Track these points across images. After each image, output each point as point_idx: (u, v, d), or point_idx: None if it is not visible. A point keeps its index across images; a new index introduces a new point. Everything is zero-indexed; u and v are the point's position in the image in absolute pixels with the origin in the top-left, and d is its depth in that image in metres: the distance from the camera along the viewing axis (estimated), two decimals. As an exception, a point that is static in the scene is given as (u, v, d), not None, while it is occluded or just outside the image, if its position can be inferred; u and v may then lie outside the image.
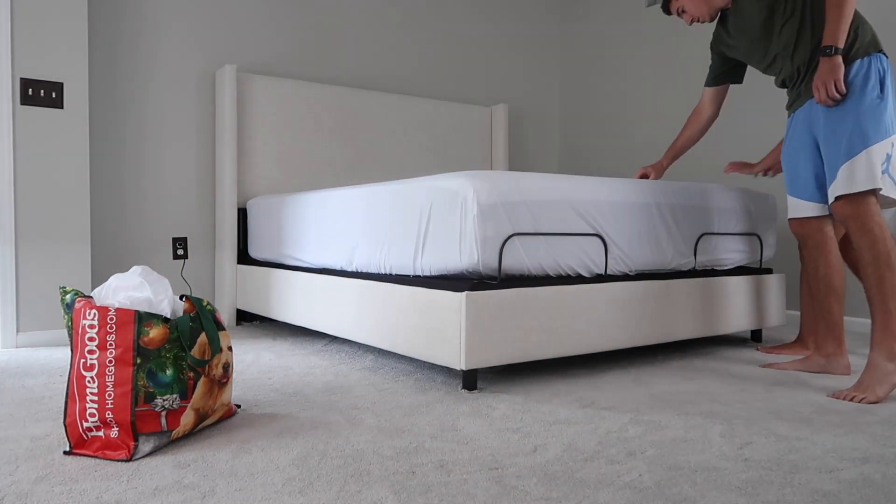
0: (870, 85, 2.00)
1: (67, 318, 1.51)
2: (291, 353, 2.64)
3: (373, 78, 4.12)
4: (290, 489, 1.25)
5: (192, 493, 1.24)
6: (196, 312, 1.59)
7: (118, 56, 3.29)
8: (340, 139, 3.81)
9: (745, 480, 1.31)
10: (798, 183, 2.28)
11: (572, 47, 4.87)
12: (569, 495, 1.23)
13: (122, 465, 1.37)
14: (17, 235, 2.79)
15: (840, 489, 1.27)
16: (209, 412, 1.60)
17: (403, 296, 2.19)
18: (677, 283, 2.51)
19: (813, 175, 2.23)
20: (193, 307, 1.60)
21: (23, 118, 2.79)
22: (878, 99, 1.99)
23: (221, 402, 1.64)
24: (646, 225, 2.41)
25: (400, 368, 2.35)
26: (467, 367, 1.96)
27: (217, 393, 1.61)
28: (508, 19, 4.71)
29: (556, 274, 2.19)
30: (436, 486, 1.27)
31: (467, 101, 4.51)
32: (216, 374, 1.60)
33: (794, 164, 2.28)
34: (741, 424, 1.69)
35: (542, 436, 1.59)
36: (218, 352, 1.59)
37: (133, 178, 3.33)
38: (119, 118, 3.29)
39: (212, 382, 1.58)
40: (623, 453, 1.46)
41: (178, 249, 3.44)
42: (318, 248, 2.75)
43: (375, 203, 2.41)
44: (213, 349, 1.58)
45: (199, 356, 1.54)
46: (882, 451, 1.48)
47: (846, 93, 2.01)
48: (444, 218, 2.08)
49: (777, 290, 2.92)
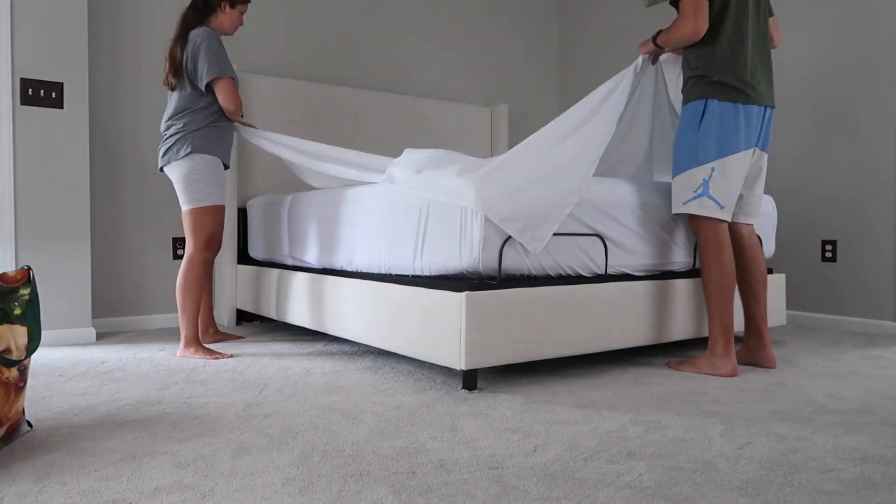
0: (693, 121, 2.29)
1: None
2: (291, 353, 2.64)
3: (373, 78, 4.11)
4: (290, 489, 1.25)
5: (192, 493, 1.24)
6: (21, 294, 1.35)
7: (118, 56, 3.29)
8: (340, 139, 3.81)
9: (745, 480, 1.31)
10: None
11: (572, 47, 4.87)
12: (569, 495, 1.23)
13: (122, 465, 1.37)
14: (17, 235, 2.79)
15: (840, 489, 1.27)
16: (3, 420, 1.42)
17: (403, 296, 2.19)
18: (677, 283, 2.51)
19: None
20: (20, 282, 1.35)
21: (23, 118, 2.79)
22: (696, 131, 2.29)
23: (16, 410, 1.46)
24: (646, 225, 2.41)
25: (400, 368, 2.35)
26: (467, 367, 1.96)
27: (14, 398, 1.43)
28: (508, 19, 4.71)
29: (556, 274, 2.19)
30: (436, 486, 1.27)
31: (467, 101, 4.51)
32: (11, 377, 1.42)
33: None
34: (741, 424, 1.69)
35: (542, 436, 1.59)
36: (34, 351, 1.43)
37: (133, 178, 3.33)
38: (119, 118, 3.29)
39: (7, 386, 1.41)
40: (623, 453, 1.46)
41: (178, 249, 3.44)
42: (318, 248, 2.75)
43: (375, 202, 2.41)
44: (33, 346, 1.42)
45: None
46: (882, 451, 1.48)
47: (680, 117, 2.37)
48: (444, 218, 2.08)
49: (777, 290, 2.92)
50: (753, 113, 2.29)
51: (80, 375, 2.23)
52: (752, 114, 2.29)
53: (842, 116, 3.36)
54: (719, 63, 2.26)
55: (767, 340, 2.41)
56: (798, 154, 3.53)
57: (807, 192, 3.49)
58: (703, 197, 2.27)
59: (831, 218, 3.40)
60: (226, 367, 2.38)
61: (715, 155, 2.25)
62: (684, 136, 2.31)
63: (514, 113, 4.68)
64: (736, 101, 2.25)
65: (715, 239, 2.29)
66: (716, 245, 2.28)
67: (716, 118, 2.24)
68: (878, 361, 2.52)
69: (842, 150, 3.35)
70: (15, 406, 1.46)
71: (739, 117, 2.26)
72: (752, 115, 2.29)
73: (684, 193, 2.31)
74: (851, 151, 3.32)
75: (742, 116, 2.27)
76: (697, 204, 2.28)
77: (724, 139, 2.25)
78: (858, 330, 3.27)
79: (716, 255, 2.28)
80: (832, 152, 3.39)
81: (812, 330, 3.32)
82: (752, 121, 2.29)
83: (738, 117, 2.26)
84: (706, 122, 2.26)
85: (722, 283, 2.28)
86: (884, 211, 3.21)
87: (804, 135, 3.50)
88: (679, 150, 2.33)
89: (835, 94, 3.38)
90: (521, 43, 4.78)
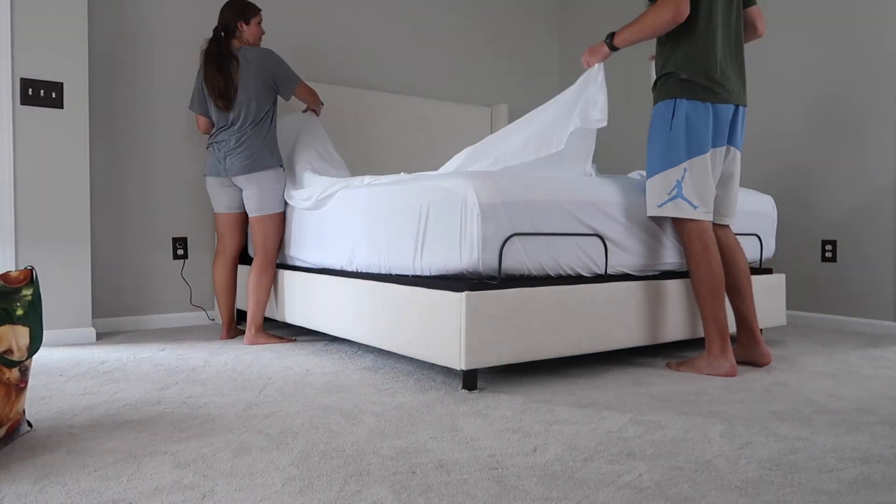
0: (664, 122, 2.26)
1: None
2: (291, 353, 2.64)
3: (373, 78, 4.12)
4: (290, 489, 1.25)
5: (192, 493, 1.24)
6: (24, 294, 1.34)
7: (118, 56, 3.29)
8: (340, 139, 3.81)
9: (745, 480, 1.31)
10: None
11: (572, 47, 4.87)
12: (569, 495, 1.23)
13: (122, 465, 1.37)
14: (17, 235, 2.79)
15: (840, 489, 1.27)
16: (4, 420, 1.42)
17: (403, 296, 2.19)
18: (677, 283, 2.51)
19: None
20: (21, 283, 1.33)
21: (23, 118, 2.79)
22: (667, 133, 2.26)
23: (16, 411, 1.46)
24: (645, 225, 2.41)
25: (400, 368, 2.35)
26: (467, 367, 1.96)
27: (14, 399, 1.43)
28: (508, 20, 4.71)
29: (556, 274, 2.19)
30: (436, 486, 1.27)
31: (467, 101, 4.51)
32: (12, 378, 1.42)
33: None
34: (741, 424, 1.69)
35: (542, 436, 1.59)
36: (36, 352, 1.43)
37: (133, 178, 3.33)
38: (119, 118, 3.29)
39: (8, 387, 1.41)
40: (623, 453, 1.46)
41: (178, 249, 3.44)
42: (318, 247, 2.75)
43: (375, 202, 2.41)
44: (34, 347, 1.41)
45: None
46: (882, 451, 1.48)
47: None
48: (444, 218, 2.08)
49: (777, 290, 2.92)
50: (722, 112, 2.27)
51: (80, 375, 2.23)
52: (721, 113, 2.27)
53: (842, 116, 3.36)
54: (688, 61, 2.24)
55: (760, 337, 2.41)
56: (798, 154, 3.53)
57: (807, 192, 3.49)
58: (678, 199, 2.26)
59: (831, 218, 3.40)
60: (226, 366, 2.38)
61: (685, 155, 2.24)
62: (656, 137, 2.30)
63: (514, 113, 4.68)
64: (706, 101, 2.24)
65: (699, 239, 2.27)
66: (700, 245, 2.27)
67: (685, 118, 2.23)
68: (878, 361, 2.52)
69: (842, 151, 3.35)
70: (15, 406, 1.46)
71: (709, 116, 2.24)
72: (721, 114, 2.27)
73: (659, 196, 2.29)
74: (851, 151, 3.32)
75: (711, 115, 2.25)
76: (673, 206, 2.27)
77: (695, 139, 2.23)
78: (858, 330, 3.27)
79: (702, 256, 2.27)
80: (832, 152, 3.39)
81: (812, 330, 3.32)
82: (721, 120, 2.28)
83: (707, 116, 2.24)
84: (676, 122, 2.24)
85: (711, 283, 2.26)
86: (884, 211, 3.21)
87: (804, 135, 3.50)
88: (652, 152, 2.31)
89: (835, 93, 3.38)
90: (521, 43, 4.78)
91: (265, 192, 2.88)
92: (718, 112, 2.27)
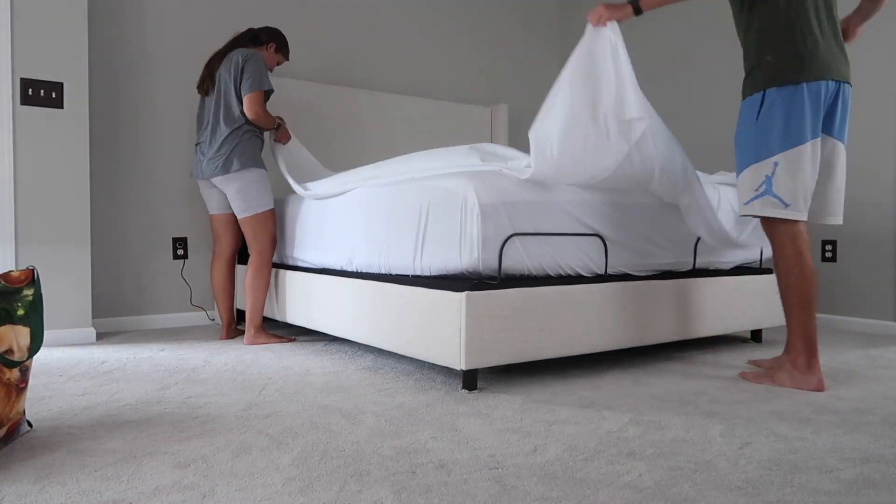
0: (751, 112, 2.07)
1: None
2: (291, 353, 2.64)
3: (373, 78, 4.12)
4: (290, 489, 1.25)
5: (192, 493, 1.24)
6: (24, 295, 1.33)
7: (118, 56, 3.29)
8: (340, 139, 3.81)
9: (745, 480, 1.31)
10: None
11: (572, 47, 4.85)
12: (569, 495, 1.23)
13: (122, 465, 1.37)
14: (17, 236, 2.79)
15: (840, 489, 1.27)
16: (4, 420, 1.42)
17: (403, 296, 2.19)
18: (677, 283, 2.51)
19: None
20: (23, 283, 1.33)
21: (23, 118, 2.79)
22: (756, 123, 2.05)
23: (17, 411, 1.45)
24: (646, 225, 2.41)
25: (400, 368, 2.35)
26: (467, 367, 1.96)
27: (14, 399, 1.42)
28: (508, 20, 4.71)
29: (556, 274, 2.19)
30: (436, 486, 1.27)
31: (467, 101, 4.51)
32: (13, 378, 1.41)
33: None
34: (741, 424, 1.69)
35: (542, 436, 1.59)
36: (37, 352, 1.43)
37: (133, 178, 3.33)
38: (119, 118, 3.29)
39: (8, 387, 1.40)
40: (623, 453, 1.46)
41: (178, 249, 3.44)
42: (318, 248, 2.75)
43: (375, 203, 2.41)
44: (35, 347, 1.40)
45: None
46: (882, 451, 1.48)
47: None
48: (444, 218, 2.08)
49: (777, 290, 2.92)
50: (821, 90, 2.00)
51: (80, 375, 2.23)
52: (818, 92, 1.99)
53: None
54: (771, 35, 2.01)
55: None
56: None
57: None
58: (766, 195, 2.03)
59: (831, 218, 3.39)
60: (226, 366, 2.38)
61: (777, 148, 2.00)
62: (743, 132, 2.10)
63: (514, 113, 4.68)
64: (798, 82, 1.97)
65: (791, 243, 2.04)
66: (792, 250, 2.04)
67: (775, 107, 2.00)
68: (878, 361, 2.52)
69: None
70: (16, 407, 1.46)
71: (803, 99, 1.98)
72: (818, 94, 2.00)
73: (746, 193, 2.08)
74: (851, 151, 3.32)
75: (807, 97, 1.98)
76: (759, 203, 2.05)
77: (788, 129, 1.99)
78: (858, 330, 3.27)
79: (794, 263, 2.03)
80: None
81: (812, 330, 3.32)
82: (819, 101, 2.00)
83: (801, 100, 1.98)
84: (764, 112, 2.02)
85: (802, 292, 2.04)
86: (884, 211, 3.21)
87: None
88: (739, 146, 2.11)
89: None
90: (521, 43, 4.78)
91: (246, 192, 2.79)
92: (816, 91, 1.99)
